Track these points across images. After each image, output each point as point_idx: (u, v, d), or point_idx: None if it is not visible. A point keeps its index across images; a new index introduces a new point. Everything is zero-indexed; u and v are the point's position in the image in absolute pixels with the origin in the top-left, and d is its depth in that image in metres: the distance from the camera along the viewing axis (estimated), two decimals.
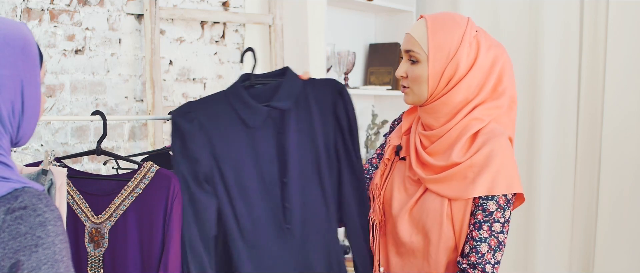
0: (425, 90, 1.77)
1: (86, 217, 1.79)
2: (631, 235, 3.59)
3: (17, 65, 1.25)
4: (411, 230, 1.80)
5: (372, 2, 3.84)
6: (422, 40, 1.76)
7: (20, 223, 1.17)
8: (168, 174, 1.82)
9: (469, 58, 1.75)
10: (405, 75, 1.80)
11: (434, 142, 1.79)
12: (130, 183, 1.81)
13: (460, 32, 1.75)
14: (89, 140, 2.78)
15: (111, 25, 2.84)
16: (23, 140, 1.30)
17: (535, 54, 3.82)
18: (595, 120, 3.71)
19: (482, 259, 1.71)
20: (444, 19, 1.78)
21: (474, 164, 1.72)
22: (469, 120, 1.76)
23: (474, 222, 1.73)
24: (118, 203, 1.80)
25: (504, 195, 1.72)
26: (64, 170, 1.70)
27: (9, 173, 1.22)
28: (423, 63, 1.76)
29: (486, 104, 1.78)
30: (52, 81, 2.66)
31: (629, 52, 3.60)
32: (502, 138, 1.76)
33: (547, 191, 3.78)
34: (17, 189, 1.20)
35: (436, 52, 1.75)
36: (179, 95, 3.11)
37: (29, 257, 1.16)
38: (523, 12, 3.87)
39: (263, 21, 3.28)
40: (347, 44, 3.95)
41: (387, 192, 1.87)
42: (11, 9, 2.53)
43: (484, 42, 1.77)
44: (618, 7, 3.61)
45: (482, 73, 1.76)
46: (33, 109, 1.28)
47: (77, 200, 1.80)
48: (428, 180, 1.77)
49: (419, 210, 1.79)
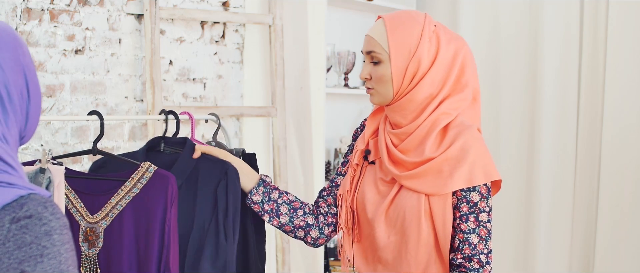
0: (390, 90, 1.78)
1: (81, 216, 1.79)
2: (631, 235, 3.59)
3: (17, 50, 1.24)
4: (389, 231, 1.79)
5: (372, 2, 3.84)
6: (382, 40, 1.78)
7: (25, 232, 1.15)
8: (166, 174, 1.81)
9: (430, 53, 1.76)
10: (369, 76, 1.81)
11: (404, 139, 1.79)
12: (128, 183, 1.81)
13: (419, 28, 1.76)
14: (89, 140, 2.78)
15: (111, 25, 2.85)
16: (29, 133, 1.28)
17: (535, 55, 3.82)
18: (596, 120, 3.71)
19: (475, 250, 1.72)
20: (401, 17, 1.79)
21: (449, 158, 1.72)
22: (438, 115, 1.77)
23: (460, 215, 1.73)
24: (114, 202, 1.80)
25: (484, 184, 1.73)
26: (61, 168, 1.71)
27: (15, 179, 1.20)
28: (385, 63, 1.77)
29: (451, 97, 1.78)
30: (52, 81, 2.67)
31: (629, 53, 3.60)
32: (472, 129, 1.76)
33: (547, 191, 3.78)
34: (23, 196, 1.18)
35: (397, 50, 1.76)
36: (179, 95, 3.11)
37: (34, 268, 1.14)
38: (523, 13, 3.87)
39: (263, 21, 3.28)
40: (347, 44, 3.96)
41: (359, 196, 1.86)
42: (11, 8, 2.53)
43: (443, 36, 1.78)
44: (618, 8, 3.61)
45: (445, 67, 1.77)
46: (37, 96, 1.27)
47: (72, 199, 1.80)
48: (403, 176, 1.76)
49: (395, 209, 1.78)
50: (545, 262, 3.79)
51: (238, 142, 3.35)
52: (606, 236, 3.64)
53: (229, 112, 3.18)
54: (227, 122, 3.27)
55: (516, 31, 3.87)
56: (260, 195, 1.92)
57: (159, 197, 1.79)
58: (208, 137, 3.15)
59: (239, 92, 3.36)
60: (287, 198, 1.95)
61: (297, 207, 1.95)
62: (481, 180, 1.72)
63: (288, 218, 1.93)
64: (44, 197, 1.21)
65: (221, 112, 2.99)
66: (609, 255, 3.64)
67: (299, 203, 1.96)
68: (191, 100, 3.16)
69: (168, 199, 1.79)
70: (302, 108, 3.46)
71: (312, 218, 1.95)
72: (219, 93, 3.27)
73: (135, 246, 1.80)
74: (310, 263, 3.46)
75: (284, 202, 1.94)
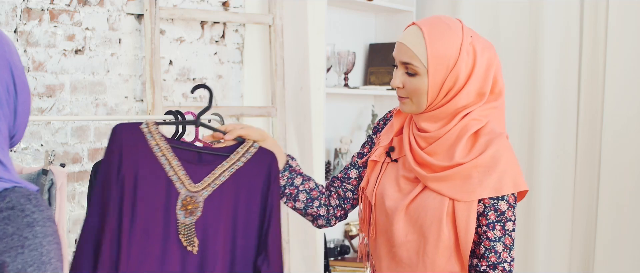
0: (425, 102, 1.76)
1: (182, 184, 1.79)
2: (631, 235, 3.59)
3: (2, 47, 1.24)
4: (407, 229, 1.78)
5: (372, 2, 3.84)
6: (420, 52, 1.73)
7: (7, 224, 1.15)
8: (270, 152, 1.85)
9: (468, 67, 1.73)
10: (402, 86, 1.78)
11: (432, 143, 1.78)
12: (233, 156, 1.83)
13: (458, 41, 1.72)
14: (89, 140, 2.78)
15: (111, 25, 2.84)
16: (19, 131, 1.28)
17: (535, 55, 3.82)
18: (595, 120, 3.71)
19: (500, 258, 1.72)
20: (439, 27, 1.74)
21: (479, 165, 1.72)
22: (468, 121, 1.75)
23: (487, 223, 1.73)
24: (218, 174, 1.81)
25: (512, 193, 1.74)
26: (64, 170, 1.70)
27: (2, 172, 1.20)
28: (422, 76, 1.74)
29: (484, 105, 1.77)
30: (52, 81, 2.66)
31: (629, 53, 3.60)
32: (503, 138, 1.76)
33: (547, 191, 3.78)
34: (7, 189, 1.18)
35: (436, 65, 1.72)
36: (179, 95, 3.10)
37: (15, 259, 1.14)
38: (523, 13, 3.87)
39: (263, 21, 3.28)
40: (347, 44, 3.95)
41: (378, 190, 1.85)
42: (11, 8, 2.53)
43: (478, 46, 1.75)
44: (618, 8, 3.61)
45: (480, 79, 1.75)
46: (25, 94, 1.26)
47: (175, 167, 1.79)
48: (429, 178, 1.75)
49: (415, 208, 1.77)
50: (545, 262, 3.79)
51: None
52: (606, 236, 3.64)
53: (229, 112, 3.17)
54: (227, 122, 3.26)
55: (516, 31, 3.87)
56: (284, 180, 1.95)
57: (261, 172, 1.82)
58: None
59: (239, 92, 3.36)
60: (308, 185, 1.96)
61: (315, 197, 1.96)
62: (510, 189, 1.72)
63: (303, 205, 1.96)
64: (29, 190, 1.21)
65: (221, 112, 2.98)
66: (609, 255, 3.64)
67: (317, 193, 1.97)
68: (191, 100, 3.15)
69: (271, 175, 1.83)
70: (302, 108, 3.45)
71: (324, 210, 1.97)
72: (219, 93, 3.26)
73: (232, 219, 1.81)
74: (310, 263, 3.46)
75: (304, 190, 1.95)
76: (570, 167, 3.75)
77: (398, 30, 4.11)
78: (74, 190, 2.73)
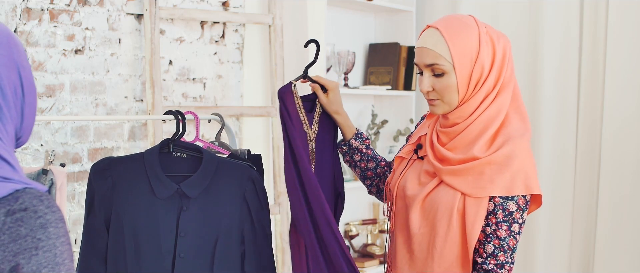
0: (456, 98, 1.78)
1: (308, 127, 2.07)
2: (631, 235, 3.59)
3: (10, 48, 1.24)
4: (421, 222, 1.81)
5: (372, 2, 3.84)
6: (443, 51, 1.76)
7: (20, 225, 1.15)
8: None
9: (489, 56, 1.77)
10: (431, 88, 1.80)
11: (454, 138, 1.81)
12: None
13: (475, 33, 1.76)
14: (89, 140, 2.78)
15: (111, 25, 2.84)
16: (25, 133, 1.28)
17: (535, 54, 3.82)
18: (595, 120, 3.71)
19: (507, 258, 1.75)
20: (454, 24, 1.78)
21: (493, 162, 1.73)
22: (490, 113, 1.78)
23: (496, 222, 1.74)
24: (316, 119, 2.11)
25: (523, 196, 1.74)
26: (64, 170, 1.70)
27: (11, 173, 1.20)
28: (450, 73, 1.76)
29: (501, 93, 1.79)
30: (52, 81, 2.66)
31: (629, 52, 3.60)
32: (523, 139, 1.77)
33: (547, 191, 3.78)
34: (18, 190, 1.18)
35: (461, 59, 1.75)
36: (178, 95, 3.10)
37: (29, 260, 1.14)
38: (523, 13, 3.87)
39: (263, 21, 3.28)
40: (347, 44, 3.95)
41: (400, 183, 1.90)
42: (11, 8, 2.53)
43: (494, 35, 1.79)
44: (618, 8, 3.61)
45: (498, 66, 1.78)
46: (32, 95, 1.26)
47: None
48: (444, 171, 1.78)
49: (430, 202, 1.80)
50: (545, 262, 3.79)
51: (238, 142, 3.34)
52: (606, 236, 3.64)
53: (229, 111, 3.17)
54: (227, 122, 3.26)
55: (516, 31, 3.87)
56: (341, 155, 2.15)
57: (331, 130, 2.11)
58: (209, 137, 3.14)
59: (238, 92, 3.36)
60: (365, 165, 2.12)
61: (367, 177, 2.13)
62: (520, 191, 1.73)
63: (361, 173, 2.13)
64: (40, 191, 1.21)
65: (221, 112, 2.98)
66: (609, 255, 3.64)
67: (372, 173, 2.12)
68: (191, 100, 3.15)
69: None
70: None
71: (369, 182, 2.14)
72: (219, 93, 3.26)
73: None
74: None
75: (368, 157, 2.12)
76: (570, 167, 3.75)
77: (398, 30, 4.10)
78: (73, 190, 2.73)
